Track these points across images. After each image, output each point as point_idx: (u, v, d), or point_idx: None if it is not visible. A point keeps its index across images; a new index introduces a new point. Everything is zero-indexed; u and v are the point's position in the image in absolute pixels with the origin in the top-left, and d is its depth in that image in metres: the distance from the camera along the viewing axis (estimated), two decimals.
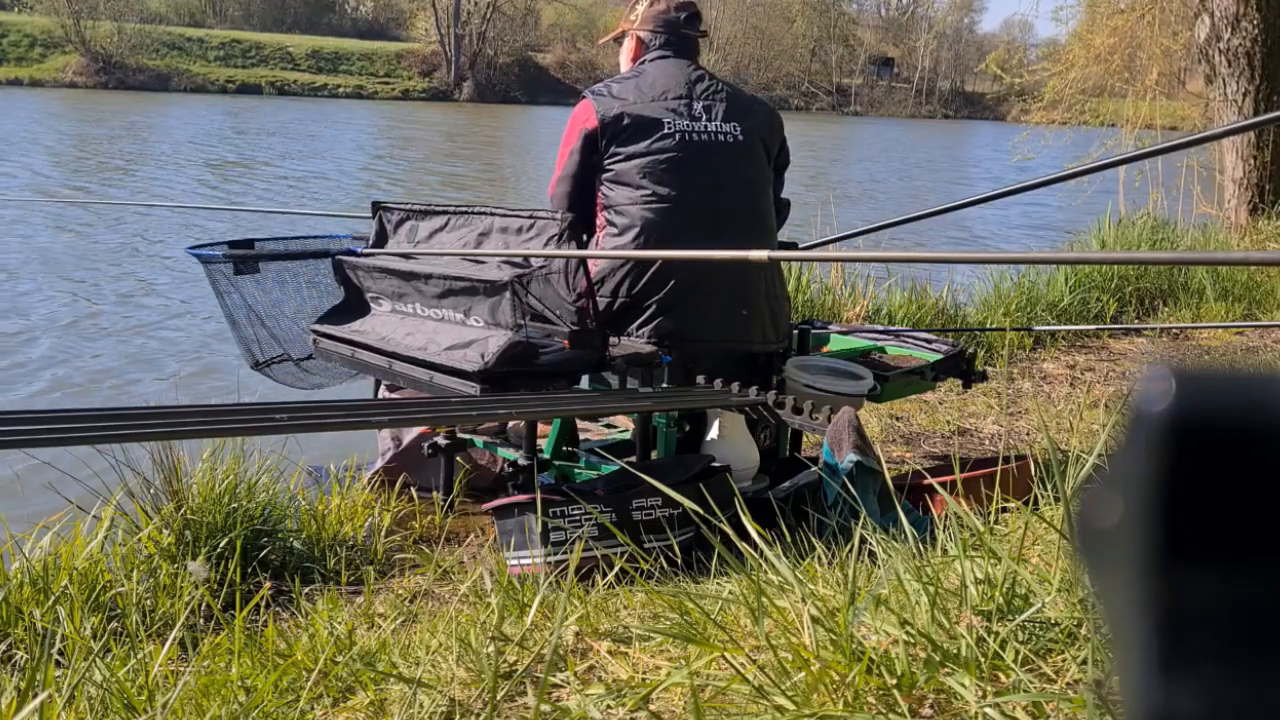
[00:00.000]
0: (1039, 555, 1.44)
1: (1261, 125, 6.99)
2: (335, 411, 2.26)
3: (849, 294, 5.46)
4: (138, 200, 9.42)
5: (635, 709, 1.24)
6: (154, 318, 6.52)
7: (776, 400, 2.66)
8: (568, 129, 2.92)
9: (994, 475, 2.28)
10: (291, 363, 3.42)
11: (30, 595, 2.22)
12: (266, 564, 2.57)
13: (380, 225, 3.12)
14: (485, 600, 1.87)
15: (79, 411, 2.29)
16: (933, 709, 1.13)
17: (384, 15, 55.86)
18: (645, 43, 3.02)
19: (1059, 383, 4.59)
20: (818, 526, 2.11)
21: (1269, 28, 7.90)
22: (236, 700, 1.50)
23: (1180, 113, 11.63)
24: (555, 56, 49.58)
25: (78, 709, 1.58)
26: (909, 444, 3.73)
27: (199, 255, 3.36)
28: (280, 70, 41.91)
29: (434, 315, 2.77)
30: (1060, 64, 11.63)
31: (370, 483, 3.14)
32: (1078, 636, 1.18)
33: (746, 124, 2.93)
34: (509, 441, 3.03)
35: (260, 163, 16.67)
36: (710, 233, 2.80)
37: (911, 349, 3.39)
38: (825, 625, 1.22)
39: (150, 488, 2.54)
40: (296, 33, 47.85)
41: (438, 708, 1.35)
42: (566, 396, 2.70)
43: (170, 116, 25.75)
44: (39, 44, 37.78)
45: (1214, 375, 0.23)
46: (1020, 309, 5.64)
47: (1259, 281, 6.39)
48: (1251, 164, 8.40)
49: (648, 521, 2.36)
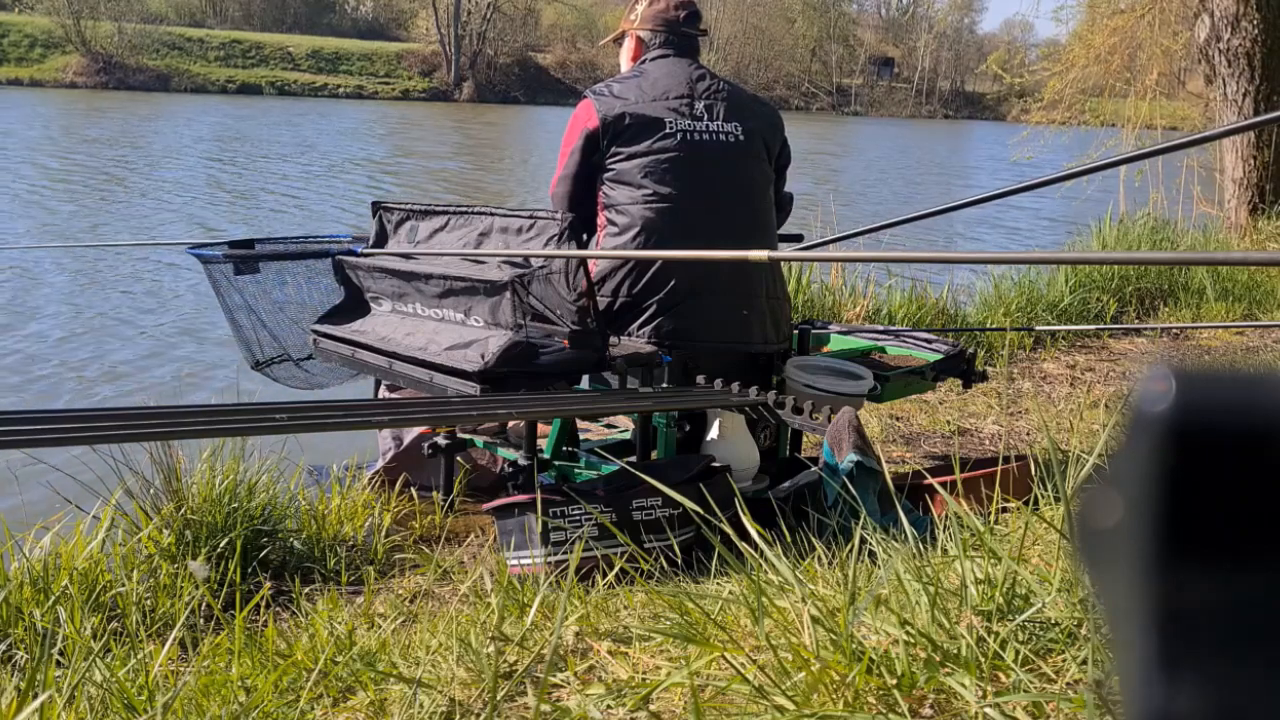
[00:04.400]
0: (1039, 555, 1.44)
1: (1261, 125, 6.99)
2: (335, 411, 2.26)
3: (849, 294, 5.46)
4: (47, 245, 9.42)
5: (635, 709, 1.24)
6: (154, 317, 6.52)
7: (776, 400, 2.66)
8: (569, 129, 2.92)
9: (994, 475, 2.28)
10: (291, 363, 3.43)
11: (30, 595, 2.22)
12: (266, 564, 2.57)
13: (380, 225, 3.12)
14: (485, 600, 1.87)
15: (79, 411, 2.29)
16: (933, 709, 1.13)
17: (384, 15, 55.86)
18: (646, 42, 3.02)
19: (1059, 383, 4.59)
20: (818, 526, 2.11)
21: (1269, 28, 7.90)
22: (236, 700, 1.50)
23: (1180, 113, 11.63)
24: (555, 56, 49.58)
25: (78, 709, 1.58)
26: (909, 444, 3.73)
27: (199, 255, 3.36)
28: (280, 70, 41.92)
29: (434, 315, 2.77)
30: (1060, 64, 11.63)
31: (370, 483, 3.14)
32: (1078, 636, 1.18)
33: (748, 124, 2.93)
34: (509, 441, 3.03)
35: (260, 163, 16.66)
36: (711, 232, 2.79)
37: (911, 349, 3.39)
38: (825, 625, 1.22)
39: (150, 488, 2.54)
40: (297, 33, 47.85)
41: (438, 708, 1.35)
42: (566, 396, 2.70)
43: (170, 117, 25.75)
44: (39, 44, 37.79)
45: (1214, 375, 0.23)
46: (1020, 309, 5.64)
47: (1259, 281, 6.39)
48: (1251, 164, 8.41)
49: (648, 521, 2.36)
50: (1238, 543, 0.22)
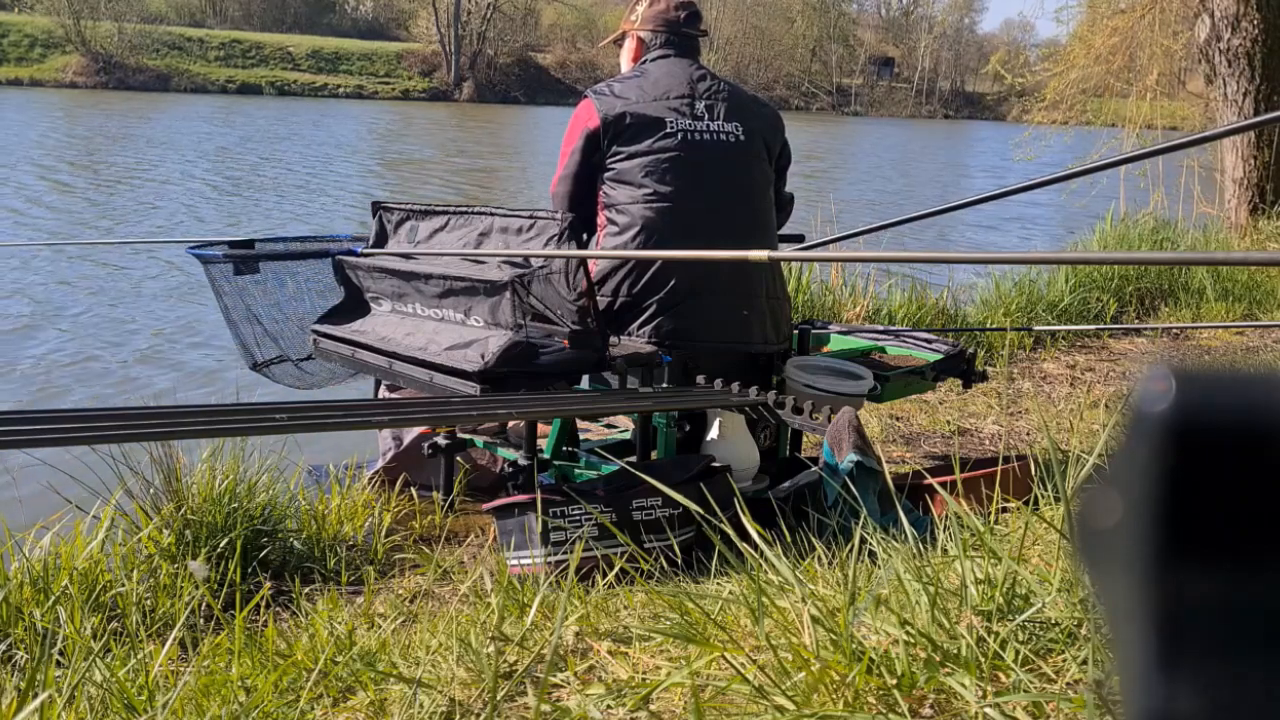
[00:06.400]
0: (1039, 555, 1.44)
1: (1261, 125, 6.99)
2: (335, 411, 2.25)
3: (849, 294, 5.46)
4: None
5: (635, 709, 1.24)
6: (154, 317, 6.52)
7: (776, 400, 2.66)
8: (569, 128, 2.92)
9: (994, 475, 2.28)
10: (290, 363, 3.42)
11: (30, 595, 2.22)
12: (266, 564, 2.57)
13: (380, 225, 3.12)
14: (485, 600, 1.87)
15: (79, 411, 2.29)
16: (933, 709, 1.13)
17: (384, 15, 55.86)
18: (646, 43, 3.02)
19: (1059, 383, 4.59)
20: (818, 526, 2.11)
21: (1269, 28, 7.90)
22: (236, 700, 1.50)
23: (1180, 113, 11.62)
24: (555, 56, 49.58)
25: (78, 709, 1.58)
26: (909, 444, 3.73)
27: (199, 255, 3.36)
28: (280, 70, 41.92)
29: (434, 315, 2.77)
30: (1061, 64, 11.63)
31: (370, 482, 3.14)
32: (1078, 636, 1.18)
33: (748, 124, 2.93)
34: (509, 441, 3.03)
35: (260, 163, 16.67)
36: (711, 232, 2.80)
37: (911, 349, 3.39)
38: (825, 625, 1.22)
39: (150, 488, 2.54)
40: (296, 33, 47.85)
41: (438, 708, 1.35)
42: (566, 396, 2.69)
43: (170, 117, 25.75)
44: (39, 44, 37.79)
45: (1214, 375, 0.23)
46: (1020, 309, 5.64)
47: (1259, 281, 6.39)
48: (1251, 164, 8.41)
49: (648, 521, 2.36)
50: (1238, 543, 0.22)
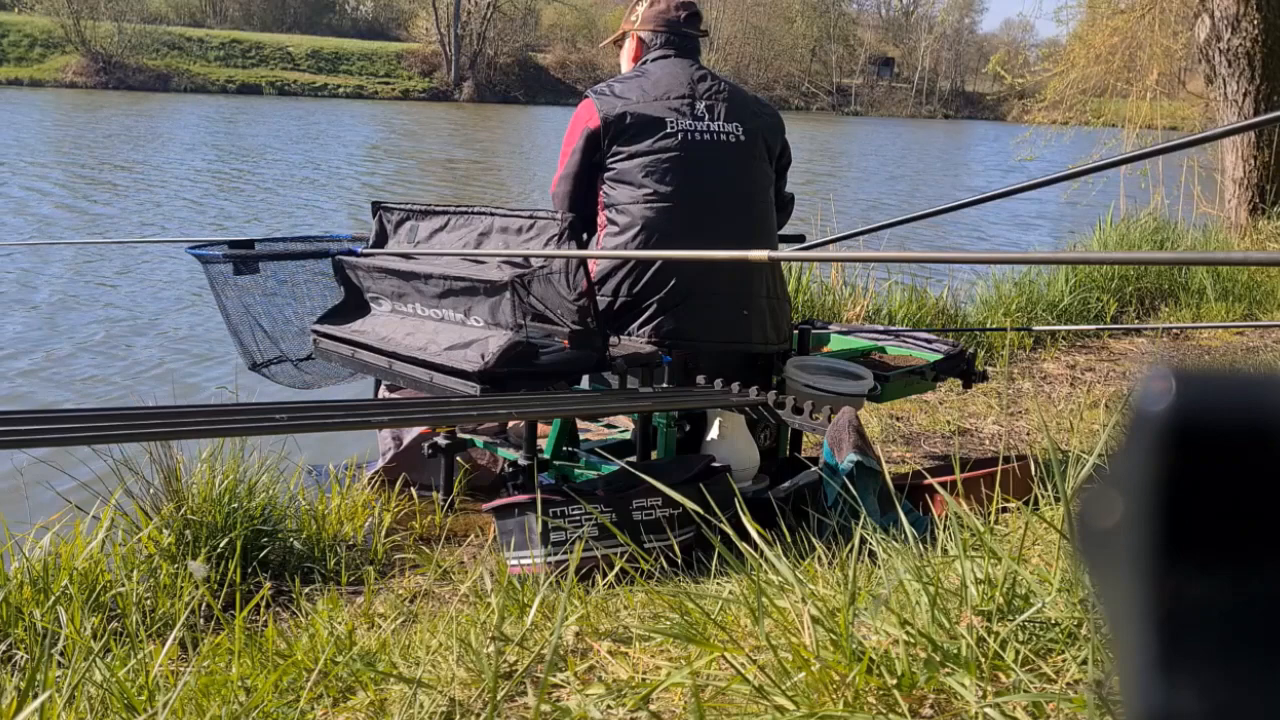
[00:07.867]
0: (1039, 555, 1.44)
1: (1261, 125, 6.99)
2: (335, 411, 2.25)
3: (849, 294, 5.46)
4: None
5: (635, 709, 1.24)
6: (154, 317, 6.52)
7: (776, 400, 2.66)
8: (570, 128, 2.92)
9: (994, 475, 2.28)
10: (290, 363, 3.42)
11: (30, 595, 2.22)
12: (266, 564, 2.57)
13: (380, 225, 3.11)
14: (485, 600, 1.87)
15: (79, 411, 2.29)
16: (933, 709, 1.13)
17: (384, 15, 55.87)
18: (646, 43, 3.02)
19: (1059, 383, 4.59)
20: (818, 526, 2.11)
21: (1269, 28, 7.90)
22: (236, 700, 1.50)
23: (1180, 113, 11.62)
24: (555, 56, 49.58)
25: (78, 709, 1.58)
26: (909, 444, 3.73)
27: (199, 255, 3.36)
28: (280, 70, 41.92)
29: (434, 315, 2.77)
30: (1061, 64, 11.63)
31: (370, 482, 3.14)
32: (1078, 636, 1.18)
33: (749, 124, 2.93)
34: (509, 441, 3.02)
35: (260, 163, 16.67)
36: (711, 232, 2.80)
37: (911, 349, 3.39)
38: (825, 625, 1.22)
39: (150, 488, 2.54)
40: (296, 33, 47.85)
41: (438, 708, 1.35)
42: (566, 396, 2.69)
43: (170, 117, 25.75)
44: (39, 44, 37.79)
45: (1214, 375, 0.23)
46: (1020, 309, 5.64)
47: (1259, 281, 6.39)
48: (1252, 164, 8.40)
49: (648, 521, 2.36)
50: (1238, 543, 0.22)
